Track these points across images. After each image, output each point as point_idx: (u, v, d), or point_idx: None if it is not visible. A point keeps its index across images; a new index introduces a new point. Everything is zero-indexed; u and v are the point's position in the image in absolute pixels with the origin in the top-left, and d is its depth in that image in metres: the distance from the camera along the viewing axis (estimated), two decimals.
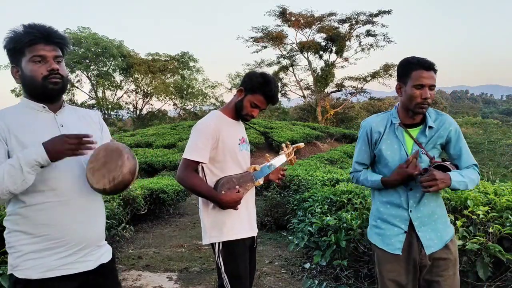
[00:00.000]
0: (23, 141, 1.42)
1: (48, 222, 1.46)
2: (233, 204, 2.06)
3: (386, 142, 1.99)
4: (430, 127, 1.94)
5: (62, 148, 1.37)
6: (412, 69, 1.88)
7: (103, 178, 1.48)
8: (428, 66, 1.86)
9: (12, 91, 32.24)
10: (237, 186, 2.09)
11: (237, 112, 2.18)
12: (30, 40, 1.44)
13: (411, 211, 1.93)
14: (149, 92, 38.13)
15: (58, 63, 1.51)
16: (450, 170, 1.88)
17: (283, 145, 2.45)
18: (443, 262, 1.93)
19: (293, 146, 2.50)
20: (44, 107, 1.51)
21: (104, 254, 1.64)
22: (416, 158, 1.87)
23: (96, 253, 1.59)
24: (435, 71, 1.88)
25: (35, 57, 1.45)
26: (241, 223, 2.15)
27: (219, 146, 2.08)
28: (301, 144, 2.56)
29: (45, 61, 1.47)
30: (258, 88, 2.11)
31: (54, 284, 1.46)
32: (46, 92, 1.48)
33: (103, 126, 1.74)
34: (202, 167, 2.12)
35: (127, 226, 5.59)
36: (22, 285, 1.44)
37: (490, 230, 2.55)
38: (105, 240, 1.70)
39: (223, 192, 2.04)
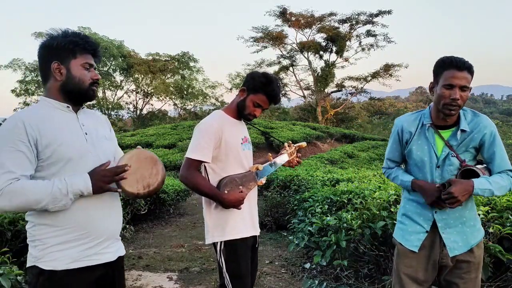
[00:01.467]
0: (56, 139, 1.50)
1: (76, 214, 1.53)
2: (236, 204, 2.06)
3: (416, 142, 1.96)
4: (463, 131, 1.88)
5: (103, 184, 1.53)
6: (444, 68, 1.82)
7: (137, 183, 1.58)
8: (461, 66, 1.79)
9: (12, 91, 32.21)
10: (240, 186, 2.09)
11: (240, 111, 2.19)
12: (85, 48, 1.60)
13: (436, 212, 1.91)
14: (149, 92, 38.10)
15: None
16: (479, 175, 1.82)
17: (286, 144, 2.44)
18: (465, 265, 1.91)
19: (295, 145, 2.49)
20: (68, 107, 1.60)
21: (121, 247, 1.72)
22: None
23: (115, 245, 1.68)
24: (470, 72, 1.82)
25: (86, 64, 1.60)
26: (244, 222, 2.15)
27: (221, 145, 2.09)
28: (303, 143, 2.53)
29: (90, 70, 1.63)
30: (260, 88, 2.12)
31: (77, 275, 1.53)
32: (88, 95, 1.63)
33: (110, 127, 1.83)
34: (205, 166, 2.12)
35: (127, 226, 5.60)
36: (46, 276, 1.49)
37: (490, 230, 2.55)
38: None
39: (226, 192, 2.04)
